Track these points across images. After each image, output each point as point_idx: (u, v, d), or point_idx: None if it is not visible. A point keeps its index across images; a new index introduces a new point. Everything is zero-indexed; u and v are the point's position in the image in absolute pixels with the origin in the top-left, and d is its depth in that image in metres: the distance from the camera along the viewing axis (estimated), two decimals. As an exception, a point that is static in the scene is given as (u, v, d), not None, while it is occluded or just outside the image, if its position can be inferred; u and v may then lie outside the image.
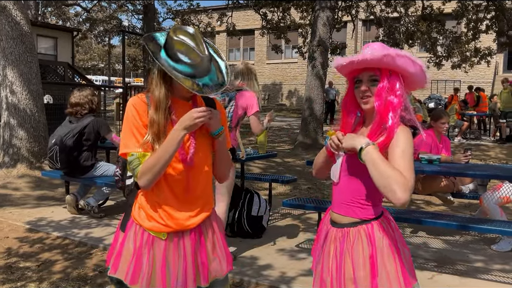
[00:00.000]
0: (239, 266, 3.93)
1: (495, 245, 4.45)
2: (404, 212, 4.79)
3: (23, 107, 7.45)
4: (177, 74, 1.72)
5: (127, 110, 1.82)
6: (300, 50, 18.12)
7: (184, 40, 1.74)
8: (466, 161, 4.63)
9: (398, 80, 1.75)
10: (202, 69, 1.76)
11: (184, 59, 1.73)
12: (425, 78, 1.76)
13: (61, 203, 5.99)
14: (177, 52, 1.73)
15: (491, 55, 16.89)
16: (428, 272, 3.88)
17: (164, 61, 1.73)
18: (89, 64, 51.42)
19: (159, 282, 1.79)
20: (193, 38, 1.75)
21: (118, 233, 1.93)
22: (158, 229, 1.82)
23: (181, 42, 1.74)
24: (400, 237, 1.84)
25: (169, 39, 1.76)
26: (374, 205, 1.78)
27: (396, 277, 1.70)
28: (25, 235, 4.79)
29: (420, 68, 1.73)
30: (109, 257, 1.91)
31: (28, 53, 7.54)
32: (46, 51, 18.96)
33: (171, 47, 1.74)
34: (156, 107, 1.78)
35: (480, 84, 19.94)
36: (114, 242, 1.93)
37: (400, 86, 1.74)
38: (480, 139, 13.79)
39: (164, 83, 1.79)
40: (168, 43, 1.76)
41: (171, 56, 1.74)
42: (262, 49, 29.62)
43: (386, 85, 1.73)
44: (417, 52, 23.30)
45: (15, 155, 7.41)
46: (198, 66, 1.74)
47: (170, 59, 1.74)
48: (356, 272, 1.71)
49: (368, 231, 1.74)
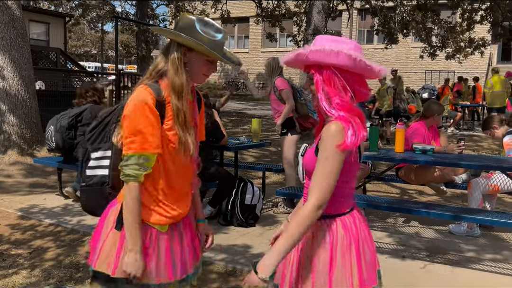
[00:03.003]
0: (232, 255, 3.93)
1: (453, 226, 4.65)
2: (396, 202, 4.82)
3: (14, 93, 7.37)
4: (205, 48, 1.68)
5: (142, 106, 1.68)
6: (294, 39, 18.05)
7: (201, 17, 1.73)
8: (459, 151, 4.64)
9: (331, 74, 1.66)
10: (220, 45, 1.75)
11: (208, 33, 1.71)
12: (363, 65, 1.64)
13: (54, 190, 5.96)
14: (198, 27, 1.70)
15: (485, 46, 16.91)
16: (420, 261, 3.90)
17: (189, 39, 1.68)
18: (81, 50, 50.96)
19: (165, 272, 1.79)
20: (202, 17, 1.75)
21: (109, 230, 1.80)
22: (164, 222, 1.80)
23: (200, 19, 1.72)
24: (367, 236, 1.77)
25: (185, 20, 1.72)
26: (335, 201, 1.70)
27: (349, 277, 1.68)
28: (17, 222, 4.76)
29: (346, 57, 1.62)
30: (97, 258, 1.80)
31: (20, 38, 7.44)
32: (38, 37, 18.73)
33: (190, 25, 1.70)
34: (179, 95, 1.71)
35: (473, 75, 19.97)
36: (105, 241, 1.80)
37: (332, 80, 1.66)
38: (473, 129, 13.85)
39: (184, 69, 1.73)
40: (185, 23, 1.71)
41: (191, 33, 1.69)
42: (257, 37, 29.50)
43: (319, 81, 1.68)
44: (412, 42, 23.32)
45: (6, 142, 7.34)
46: (219, 41, 1.73)
47: (192, 37, 1.68)
48: (316, 266, 1.69)
49: (330, 227, 1.71)
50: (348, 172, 1.70)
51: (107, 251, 1.78)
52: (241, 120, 13.82)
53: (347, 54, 1.61)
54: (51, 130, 5.18)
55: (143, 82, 1.75)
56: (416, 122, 5.04)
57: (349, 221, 1.73)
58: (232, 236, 4.36)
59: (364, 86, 1.73)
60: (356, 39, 27.08)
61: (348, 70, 1.66)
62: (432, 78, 24.57)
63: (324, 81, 1.67)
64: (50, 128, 5.19)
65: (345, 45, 1.64)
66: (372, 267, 1.76)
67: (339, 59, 1.62)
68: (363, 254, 1.72)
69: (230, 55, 1.83)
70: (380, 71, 1.67)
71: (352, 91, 1.68)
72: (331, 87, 1.66)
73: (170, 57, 1.72)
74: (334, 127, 1.60)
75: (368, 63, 1.64)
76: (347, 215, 1.75)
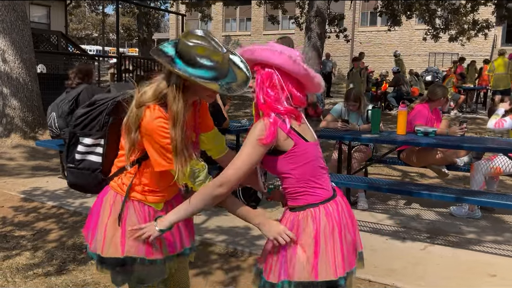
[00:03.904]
0: (233, 236, 3.95)
1: (454, 208, 4.66)
2: (398, 184, 4.82)
3: (15, 76, 7.35)
4: (201, 80, 1.66)
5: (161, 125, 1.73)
6: (297, 21, 17.85)
7: (201, 43, 1.67)
8: (461, 133, 4.63)
9: (271, 73, 1.77)
10: (223, 70, 1.71)
11: (206, 63, 1.67)
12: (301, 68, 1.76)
13: (56, 173, 5.99)
14: (196, 57, 1.66)
15: (489, 28, 16.72)
16: (420, 243, 3.92)
17: (184, 71, 1.66)
18: (82, 33, 50.64)
19: (167, 247, 1.90)
20: (207, 39, 1.70)
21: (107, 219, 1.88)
22: (159, 200, 1.90)
23: (199, 46, 1.67)
24: (348, 221, 1.86)
25: (183, 46, 1.68)
26: (308, 192, 1.82)
27: (333, 261, 1.77)
28: (20, 205, 4.79)
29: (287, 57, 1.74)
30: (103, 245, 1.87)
31: (20, 20, 7.40)
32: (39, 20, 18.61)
33: (188, 53, 1.67)
34: (174, 122, 1.71)
35: (478, 57, 19.82)
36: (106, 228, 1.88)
37: (271, 79, 1.76)
38: (476, 112, 13.79)
39: (182, 96, 1.72)
40: (183, 50, 1.67)
41: (189, 62, 1.67)
42: (259, 19, 29.22)
43: (260, 78, 1.78)
44: (416, 24, 23.07)
45: (8, 125, 7.36)
46: (220, 67, 1.70)
47: (190, 66, 1.66)
48: (301, 252, 1.77)
49: (314, 215, 1.79)
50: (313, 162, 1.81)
51: (110, 237, 1.86)
52: (243, 104, 13.79)
53: (288, 55, 1.74)
54: (53, 117, 5.17)
55: (150, 103, 1.75)
56: (419, 104, 5.01)
57: (331, 207, 1.82)
58: (233, 218, 4.37)
59: (301, 92, 1.83)
60: (359, 21, 26.86)
61: (289, 74, 1.77)
62: (436, 60, 24.39)
63: (264, 79, 1.77)
64: (52, 114, 5.18)
65: (291, 51, 1.77)
66: (353, 250, 1.87)
67: (280, 58, 1.74)
68: (345, 239, 1.82)
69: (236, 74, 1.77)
70: (317, 80, 1.82)
71: (289, 93, 1.78)
72: (269, 86, 1.76)
73: (170, 82, 1.73)
74: (260, 124, 1.73)
75: (305, 67, 1.77)
76: (330, 202, 1.83)
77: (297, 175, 1.79)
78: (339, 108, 5.24)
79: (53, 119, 5.16)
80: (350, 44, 24.14)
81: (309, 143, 1.82)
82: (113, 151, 1.95)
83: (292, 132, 1.77)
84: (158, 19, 35.98)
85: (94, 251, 1.89)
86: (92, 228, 1.92)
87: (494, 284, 3.19)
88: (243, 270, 3.37)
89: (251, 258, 3.53)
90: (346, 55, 26.19)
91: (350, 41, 19.65)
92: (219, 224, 4.23)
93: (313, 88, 1.86)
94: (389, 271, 3.34)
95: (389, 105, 13.58)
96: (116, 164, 1.93)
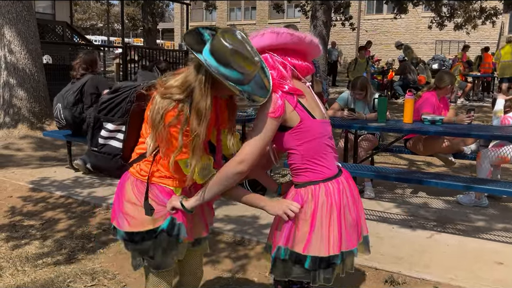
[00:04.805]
0: (241, 225, 3.97)
1: (460, 196, 4.66)
2: (405, 173, 4.82)
3: (22, 67, 7.37)
4: (227, 81, 1.64)
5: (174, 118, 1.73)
6: (302, 9, 17.74)
7: (238, 48, 1.64)
8: (469, 121, 4.61)
9: (267, 57, 1.82)
10: (250, 76, 1.69)
11: (236, 67, 1.64)
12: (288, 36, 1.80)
13: (64, 163, 6.02)
14: (230, 59, 1.63)
15: (497, 15, 16.55)
16: (428, 231, 3.92)
17: (215, 68, 1.63)
18: (87, 23, 50.61)
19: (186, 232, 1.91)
20: (244, 44, 1.67)
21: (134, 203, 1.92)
22: (177, 185, 1.92)
23: (235, 50, 1.63)
24: (350, 202, 1.88)
25: (219, 45, 1.64)
26: (317, 168, 1.85)
27: (326, 238, 1.81)
28: (28, 195, 4.83)
29: (270, 34, 1.80)
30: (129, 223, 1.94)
31: (26, 11, 7.40)
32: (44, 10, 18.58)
33: (223, 53, 1.63)
34: (200, 118, 1.69)
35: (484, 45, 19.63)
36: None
37: (268, 61, 1.81)
38: (483, 100, 13.70)
39: (210, 92, 1.69)
40: (218, 49, 1.64)
41: (221, 61, 1.64)
42: (264, 8, 29.07)
43: None
44: (422, 11, 22.88)
45: (15, 116, 7.39)
46: (249, 74, 1.68)
47: (221, 66, 1.64)
48: (299, 225, 1.84)
49: (314, 192, 1.83)
50: (319, 139, 1.84)
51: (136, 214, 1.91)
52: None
53: (271, 31, 1.80)
54: (59, 108, 5.19)
55: (174, 97, 1.73)
56: (427, 92, 4.98)
57: (332, 187, 1.85)
58: (241, 207, 4.40)
59: (303, 59, 1.87)
60: (365, 8, 26.65)
61: (284, 49, 1.82)
62: (442, 48, 24.20)
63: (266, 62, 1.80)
64: (58, 105, 5.20)
65: (273, 28, 1.82)
66: (354, 231, 1.90)
67: (265, 38, 1.80)
68: (344, 219, 1.85)
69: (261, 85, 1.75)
70: (308, 38, 1.83)
71: (293, 66, 1.83)
72: (269, 68, 1.79)
73: (198, 76, 1.69)
74: (268, 100, 1.75)
75: (291, 32, 1.79)
76: (331, 181, 1.86)
77: (302, 151, 1.83)
78: (345, 96, 5.22)
79: (59, 110, 5.18)
80: (356, 32, 23.97)
81: (316, 120, 1.84)
82: (133, 138, 1.98)
83: (299, 106, 1.80)
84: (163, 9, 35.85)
85: (121, 228, 1.94)
86: (118, 209, 1.97)
87: (501, 272, 3.19)
88: (250, 259, 3.39)
89: (259, 246, 3.55)
90: (352, 43, 26.04)
91: (356, 29, 19.51)
92: (227, 213, 4.25)
93: (311, 50, 1.89)
94: (396, 259, 3.35)
95: (396, 94, 13.52)
96: (136, 151, 1.96)
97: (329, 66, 15.92)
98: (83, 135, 5.29)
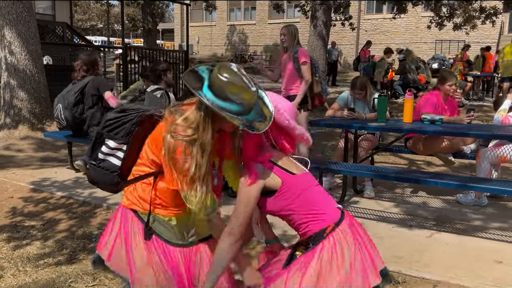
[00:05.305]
0: (241, 225, 3.98)
1: (460, 196, 4.68)
2: (404, 172, 4.83)
3: (22, 68, 7.39)
4: (227, 114, 1.70)
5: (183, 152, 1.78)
6: (302, 9, 17.73)
7: (233, 80, 1.73)
8: (468, 121, 4.62)
9: None
10: (249, 106, 1.76)
11: (235, 99, 1.72)
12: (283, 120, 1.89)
13: (65, 164, 6.04)
14: (227, 93, 1.71)
15: (497, 15, 16.54)
16: (427, 230, 3.93)
17: (213, 103, 1.70)
18: (87, 24, 50.62)
19: None
20: (239, 75, 1.75)
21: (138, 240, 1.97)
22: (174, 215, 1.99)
23: (231, 83, 1.72)
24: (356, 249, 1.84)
25: (216, 80, 1.73)
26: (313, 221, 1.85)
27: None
28: (29, 195, 4.84)
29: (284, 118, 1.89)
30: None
31: (26, 12, 7.41)
32: (44, 11, 18.59)
33: (220, 87, 1.71)
34: (203, 151, 1.78)
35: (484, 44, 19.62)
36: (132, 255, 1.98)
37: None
38: (483, 100, 13.70)
39: (211, 125, 1.78)
40: (215, 84, 1.73)
41: (219, 96, 1.71)
42: (264, 8, 29.05)
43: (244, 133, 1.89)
44: (422, 11, 22.86)
45: (16, 116, 7.41)
46: (247, 104, 1.75)
47: (219, 100, 1.71)
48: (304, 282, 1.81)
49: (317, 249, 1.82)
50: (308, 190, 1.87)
51: None
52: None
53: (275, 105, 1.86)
54: (59, 108, 5.21)
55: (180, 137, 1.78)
56: (430, 92, 5.00)
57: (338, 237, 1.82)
58: (241, 207, 4.41)
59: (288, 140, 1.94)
60: (365, 8, 26.62)
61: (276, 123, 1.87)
62: (442, 48, 24.18)
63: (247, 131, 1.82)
64: (58, 106, 5.21)
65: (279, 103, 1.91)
66: (364, 272, 1.82)
67: None
68: (354, 267, 1.80)
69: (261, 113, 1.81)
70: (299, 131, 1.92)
71: (274, 140, 1.91)
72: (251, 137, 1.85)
73: (199, 113, 1.78)
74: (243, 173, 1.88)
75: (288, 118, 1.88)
76: (332, 233, 1.83)
77: (296, 209, 1.86)
78: (345, 96, 5.24)
79: (60, 111, 5.20)
80: (356, 32, 23.97)
81: (296, 174, 1.88)
82: (132, 158, 2.04)
83: (276, 168, 1.85)
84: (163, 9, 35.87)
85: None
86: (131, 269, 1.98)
87: (500, 271, 3.20)
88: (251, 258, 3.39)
89: (259, 246, 3.56)
90: (352, 43, 26.02)
91: (355, 29, 19.52)
92: (227, 214, 4.25)
93: (299, 139, 1.96)
94: (396, 258, 3.37)
95: (396, 93, 13.52)
96: (133, 172, 2.01)
97: (329, 66, 15.94)
98: (83, 135, 5.31)
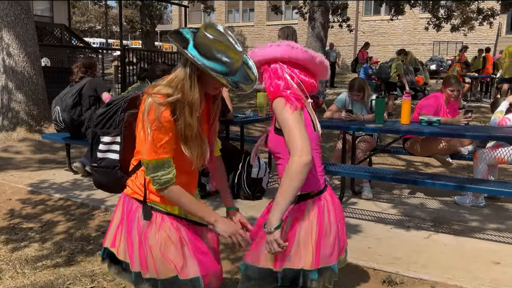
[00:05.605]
0: (239, 227, 3.98)
1: (458, 197, 4.69)
2: (402, 173, 4.84)
3: (20, 70, 7.39)
4: (214, 73, 1.69)
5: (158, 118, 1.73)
6: (300, 11, 17.75)
7: (220, 38, 1.71)
8: (466, 122, 4.63)
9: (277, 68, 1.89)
10: (235, 67, 1.75)
11: (221, 58, 1.70)
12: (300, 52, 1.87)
13: (63, 166, 6.04)
14: (213, 51, 1.69)
15: (494, 16, 16.58)
16: (424, 231, 3.94)
17: (199, 61, 1.69)
18: (86, 26, 50.58)
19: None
20: (225, 35, 1.73)
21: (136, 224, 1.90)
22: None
23: (218, 41, 1.70)
24: (334, 219, 1.94)
25: (202, 39, 1.71)
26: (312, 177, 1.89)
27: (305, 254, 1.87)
28: (27, 197, 4.84)
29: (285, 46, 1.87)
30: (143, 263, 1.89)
31: (24, 14, 7.42)
32: (42, 13, 18.59)
33: (206, 46, 1.70)
34: (192, 110, 1.75)
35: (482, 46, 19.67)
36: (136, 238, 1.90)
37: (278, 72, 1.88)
38: (481, 101, 13.73)
39: (198, 84, 1.75)
40: (201, 42, 1.71)
41: (206, 55, 1.70)
42: (262, 10, 29.07)
43: (267, 76, 1.91)
44: (420, 12, 22.92)
45: (14, 119, 7.41)
46: (233, 64, 1.74)
47: (205, 59, 1.70)
48: None
49: (301, 207, 1.91)
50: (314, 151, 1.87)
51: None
52: (247, 95, 13.76)
53: (287, 44, 1.87)
54: (57, 110, 5.22)
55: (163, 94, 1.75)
56: (433, 94, 5.02)
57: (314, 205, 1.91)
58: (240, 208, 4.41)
59: (310, 77, 1.92)
60: (363, 10, 26.67)
61: (295, 63, 1.88)
62: (440, 49, 24.22)
63: (271, 73, 1.89)
64: (56, 108, 5.23)
65: (289, 41, 1.89)
66: (335, 247, 1.93)
67: (279, 49, 1.86)
68: (324, 237, 1.89)
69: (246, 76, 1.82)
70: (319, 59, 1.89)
71: (300, 81, 1.88)
72: (277, 77, 1.86)
73: (186, 70, 1.75)
74: (278, 101, 1.83)
75: (305, 49, 1.86)
76: (314, 198, 1.92)
77: None
78: (343, 98, 5.25)
79: (58, 113, 5.21)
80: (354, 34, 24.01)
81: (315, 133, 1.91)
82: (129, 149, 1.99)
83: (305, 111, 1.87)
84: (161, 11, 35.88)
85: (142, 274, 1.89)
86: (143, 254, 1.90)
87: (498, 272, 3.21)
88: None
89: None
90: (350, 44, 26.06)
91: (353, 31, 19.55)
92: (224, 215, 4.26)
93: (319, 71, 1.94)
94: (394, 260, 3.37)
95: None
96: (132, 162, 1.97)
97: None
98: (81, 137, 5.31)
